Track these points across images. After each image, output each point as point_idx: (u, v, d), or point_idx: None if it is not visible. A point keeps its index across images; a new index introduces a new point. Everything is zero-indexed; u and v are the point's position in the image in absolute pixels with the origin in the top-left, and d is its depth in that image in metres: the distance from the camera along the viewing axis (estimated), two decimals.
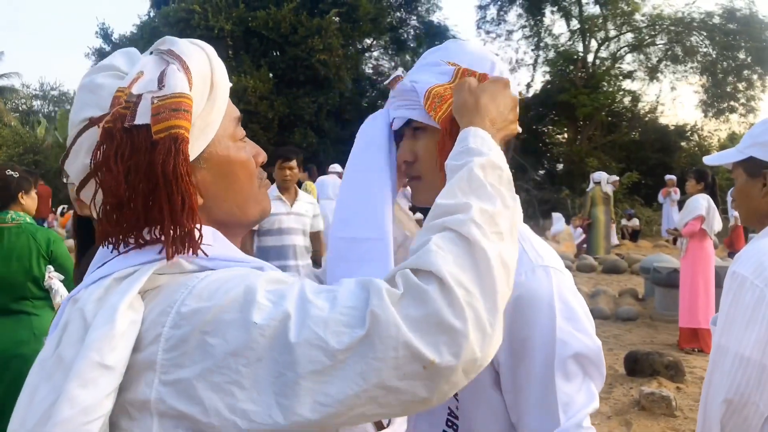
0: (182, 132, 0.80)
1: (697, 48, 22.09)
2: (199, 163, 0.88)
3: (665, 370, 5.28)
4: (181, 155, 0.80)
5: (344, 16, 17.99)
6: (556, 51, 23.67)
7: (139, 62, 0.87)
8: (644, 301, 8.48)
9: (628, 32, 22.97)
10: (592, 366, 1.03)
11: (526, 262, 1.06)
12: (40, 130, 25.92)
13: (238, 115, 0.96)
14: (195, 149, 0.86)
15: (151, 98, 0.81)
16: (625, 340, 6.68)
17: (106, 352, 0.73)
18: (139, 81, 0.83)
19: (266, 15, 16.78)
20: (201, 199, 0.87)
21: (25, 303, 3.17)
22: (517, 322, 1.02)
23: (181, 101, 0.81)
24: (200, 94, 0.86)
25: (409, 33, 22.00)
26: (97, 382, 0.72)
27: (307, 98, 16.98)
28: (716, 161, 1.90)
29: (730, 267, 1.60)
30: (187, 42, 0.92)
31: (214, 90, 0.89)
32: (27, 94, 37.12)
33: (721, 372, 1.51)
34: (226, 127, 0.92)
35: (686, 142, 23.77)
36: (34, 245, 3.17)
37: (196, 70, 0.87)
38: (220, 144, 0.91)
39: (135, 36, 18.67)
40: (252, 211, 0.96)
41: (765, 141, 1.67)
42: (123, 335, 0.74)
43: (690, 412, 4.58)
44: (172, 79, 0.83)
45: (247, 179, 0.95)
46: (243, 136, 0.96)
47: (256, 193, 0.97)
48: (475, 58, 1.15)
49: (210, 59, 0.91)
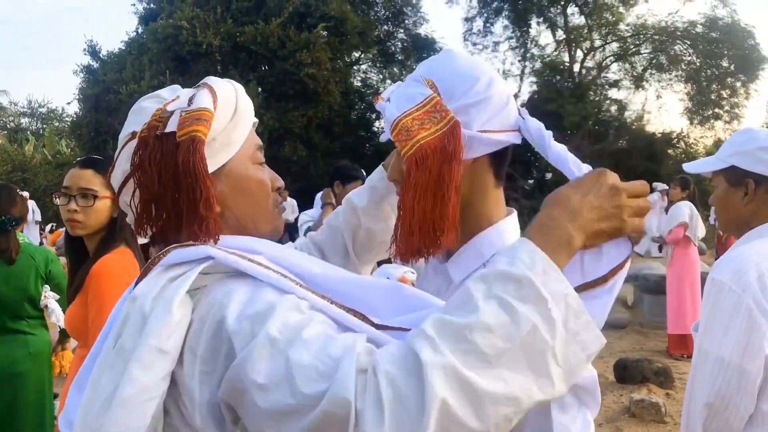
0: (200, 135, 0.95)
1: (681, 56, 22.31)
2: (219, 176, 1.02)
3: (655, 376, 5.33)
4: (197, 153, 0.94)
5: (332, 30, 18.06)
6: (543, 61, 23.84)
7: (180, 92, 1.05)
8: (633, 308, 8.53)
9: (613, 42, 23.19)
10: (587, 395, 1.01)
11: None
12: (29, 147, 25.75)
13: (260, 143, 1.11)
14: (217, 161, 1.01)
15: (180, 112, 0.98)
16: (615, 347, 6.73)
17: (164, 339, 0.84)
18: (174, 102, 1.02)
19: (254, 30, 16.82)
20: (218, 207, 0.99)
21: (21, 322, 3.16)
22: None
23: (203, 113, 0.97)
24: (224, 114, 1.02)
25: (397, 46, 22.10)
26: (155, 365, 0.83)
27: (297, 112, 16.99)
28: (697, 169, 1.91)
29: (710, 273, 1.64)
30: (221, 79, 1.08)
31: (237, 115, 1.05)
32: (15, 111, 36.90)
33: (702, 376, 1.55)
34: (247, 149, 1.07)
35: (673, 150, 23.94)
36: (32, 265, 3.15)
37: (222, 95, 1.03)
38: (239, 162, 1.05)
39: (123, 52, 18.63)
40: (264, 227, 1.08)
41: (746, 150, 1.70)
42: (177, 325, 0.86)
43: (680, 417, 4.62)
44: (199, 98, 1.00)
45: (262, 197, 1.08)
46: (262, 161, 1.10)
47: (270, 211, 1.10)
48: (457, 75, 1.06)
49: (237, 91, 1.07)
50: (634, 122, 23.79)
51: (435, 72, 1.08)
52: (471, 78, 1.05)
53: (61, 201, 2.18)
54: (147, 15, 18.95)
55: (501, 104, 1.07)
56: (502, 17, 24.06)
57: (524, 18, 23.53)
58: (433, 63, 1.11)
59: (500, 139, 1.06)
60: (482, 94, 1.05)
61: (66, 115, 33.92)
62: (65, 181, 2.19)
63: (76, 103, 20.09)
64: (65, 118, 33.63)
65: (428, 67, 1.11)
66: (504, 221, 1.13)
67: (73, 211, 2.13)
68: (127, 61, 17.39)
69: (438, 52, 1.18)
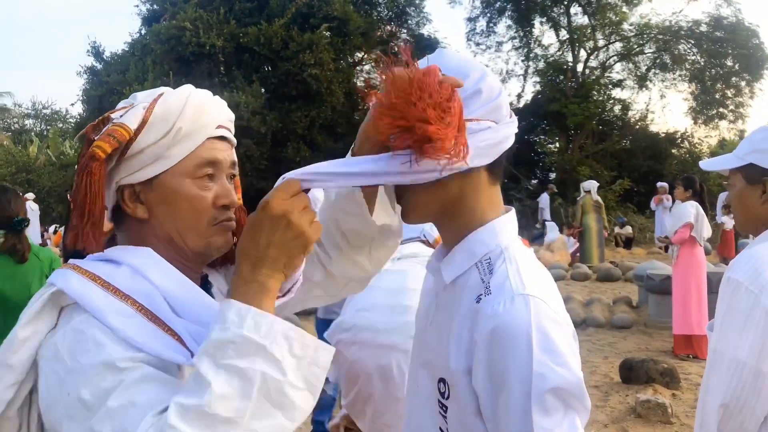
0: (98, 152, 0.99)
1: (685, 56, 22.28)
2: (150, 186, 1.06)
3: (660, 377, 5.30)
4: (87, 168, 1.00)
5: (335, 31, 18.07)
6: (546, 61, 23.83)
7: (136, 99, 1.10)
8: (638, 308, 8.50)
9: (617, 41, 23.17)
10: (573, 399, 0.98)
11: (507, 290, 1.01)
12: (33, 148, 25.80)
13: (211, 159, 1.09)
14: (146, 173, 1.05)
15: (111, 123, 1.04)
16: (620, 347, 6.70)
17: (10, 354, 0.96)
18: (118, 111, 1.06)
19: (257, 31, 16.83)
20: (146, 215, 1.06)
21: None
22: (495, 354, 0.98)
23: (117, 130, 1.01)
24: (157, 129, 1.04)
25: (400, 46, 22.10)
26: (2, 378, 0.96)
27: (300, 112, 17.00)
28: (713, 167, 1.88)
29: (725, 273, 1.61)
30: (184, 90, 1.09)
31: (176, 132, 1.05)
32: (19, 113, 36.99)
33: (717, 377, 1.52)
34: (186, 165, 1.07)
35: (677, 149, 23.91)
36: (38, 264, 3.16)
37: (160, 111, 1.05)
38: (173, 177, 1.06)
39: (126, 53, 18.67)
40: (193, 242, 1.08)
41: (765, 148, 1.67)
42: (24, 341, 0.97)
43: (686, 418, 4.59)
44: (129, 113, 1.04)
45: (191, 212, 1.07)
46: (208, 175, 1.09)
47: (202, 228, 1.08)
48: (449, 71, 1.03)
49: (184, 109, 1.06)
50: (638, 122, 23.77)
51: None
52: (462, 74, 1.04)
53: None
54: (150, 16, 18.98)
55: (492, 96, 1.06)
56: (505, 17, 24.07)
57: (527, 18, 23.51)
58: (427, 62, 1.08)
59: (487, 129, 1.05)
60: (474, 87, 1.04)
61: (70, 116, 34.07)
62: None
63: (79, 104, 20.18)
64: (69, 120, 33.76)
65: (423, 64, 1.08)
66: (498, 220, 1.11)
67: None
68: (131, 62, 17.43)
69: (453, 50, 1.17)
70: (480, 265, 1.08)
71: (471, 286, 1.07)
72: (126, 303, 0.97)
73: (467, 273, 1.09)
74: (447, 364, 1.07)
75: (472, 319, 1.02)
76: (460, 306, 1.07)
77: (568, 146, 22.93)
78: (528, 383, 0.95)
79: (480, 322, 1.00)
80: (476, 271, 1.08)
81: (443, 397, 1.10)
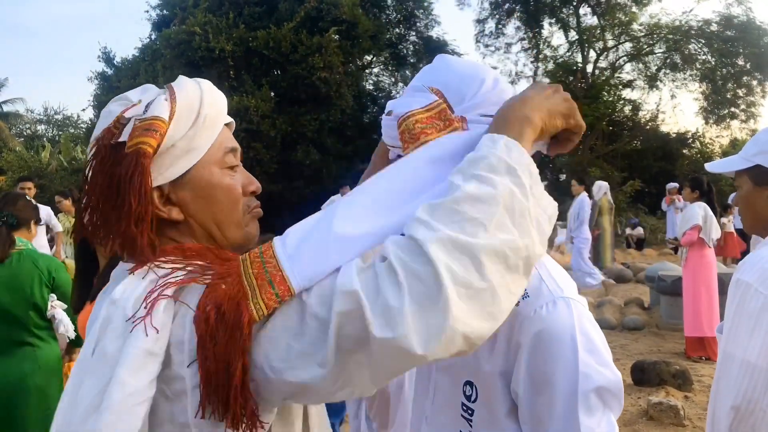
0: (145, 148, 0.93)
1: (695, 55, 22.14)
2: (182, 183, 1.00)
3: (673, 379, 5.26)
4: (140, 167, 0.93)
5: (344, 34, 18.09)
6: (555, 62, 23.75)
7: (146, 94, 1.02)
8: (650, 309, 8.45)
9: (627, 42, 23.06)
10: (612, 398, 1.02)
11: (546, 294, 1.05)
12: (45, 154, 25.99)
13: (231, 146, 1.06)
14: (177, 169, 0.99)
15: (135, 120, 0.97)
16: (632, 349, 6.67)
17: (151, 341, 0.84)
18: (133, 108, 0.99)
19: (266, 35, 16.89)
20: (181, 215, 1.01)
21: (28, 334, 3.03)
22: (540, 356, 1.01)
23: (153, 122, 0.95)
24: (184, 120, 0.98)
25: (409, 49, 22.09)
26: (146, 367, 0.83)
27: (309, 116, 17.03)
28: (719, 169, 1.87)
29: (734, 275, 1.60)
30: (189, 79, 1.04)
31: (201, 120, 1.00)
32: (31, 118, 37.27)
33: (727, 379, 1.51)
34: (214, 154, 1.03)
35: (688, 150, 23.77)
36: (36, 272, 3.03)
37: (183, 100, 0.99)
38: (204, 168, 1.02)
39: (137, 59, 18.79)
40: (232, 234, 1.05)
41: None
42: (164, 326, 0.86)
43: (699, 420, 4.56)
44: (155, 105, 0.97)
45: (229, 203, 1.04)
46: (234, 164, 1.05)
47: (239, 218, 1.06)
48: (462, 79, 1.09)
49: (202, 94, 1.01)
50: (649, 122, 23.65)
51: (438, 79, 1.10)
52: (477, 79, 1.08)
53: None
54: (160, 21, 19.10)
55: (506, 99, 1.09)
56: (514, 18, 24.01)
57: (536, 19, 23.45)
58: (434, 71, 1.13)
59: None
60: (490, 93, 1.08)
61: (81, 121, 34.33)
62: None
63: (90, 109, 20.32)
64: (80, 125, 34.01)
65: (429, 75, 1.12)
66: None
67: None
68: (141, 67, 17.53)
69: (449, 55, 1.19)
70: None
71: None
72: None
73: None
74: (477, 366, 1.08)
75: (509, 322, 1.04)
76: None
77: (578, 147, 22.82)
78: (574, 383, 0.99)
79: (521, 324, 1.04)
80: None
81: (469, 400, 1.11)
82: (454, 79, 1.09)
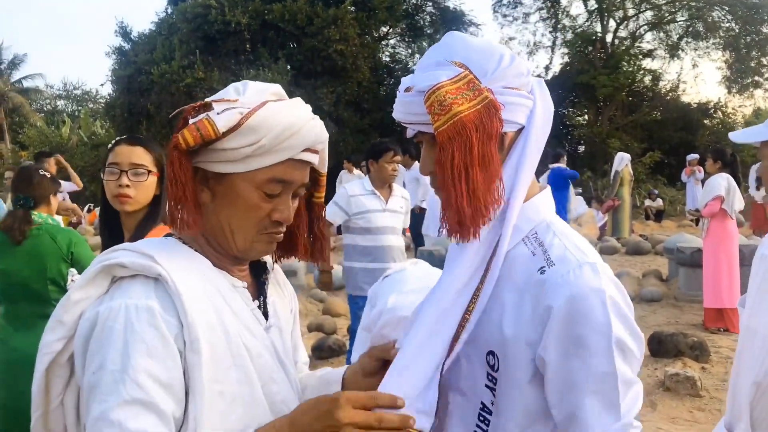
0: (181, 143, 1.04)
1: (719, 23, 21.67)
2: (221, 178, 1.11)
3: (690, 350, 5.27)
4: (171, 156, 1.06)
5: (360, 5, 17.93)
6: (574, 32, 23.38)
7: (244, 95, 1.12)
8: (668, 281, 8.42)
9: (647, 10, 22.60)
10: (634, 355, 1.07)
11: (572, 260, 1.08)
12: (65, 129, 26.28)
13: (281, 179, 1.12)
14: (221, 168, 1.09)
15: (206, 115, 1.07)
16: (650, 321, 6.66)
17: (60, 312, 1.15)
18: (221, 103, 1.09)
19: (282, 7, 16.79)
20: (208, 200, 1.12)
21: (47, 307, 2.91)
22: (572, 320, 1.04)
23: (205, 125, 1.05)
24: (242, 138, 1.06)
25: (425, 19, 21.83)
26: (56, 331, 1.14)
27: (325, 89, 16.97)
28: (743, 138, 1.85)
29: (759, 249, 1.57)
30: (288, 109, 1.12)
31: (256, 146, 1.07)
32: (51, 94, 37.62)
33: (750, 354, 1.50)
34: (257, 175, 1.10)
35: (709, 120, 23.38)
36: (54, 247, 3.01)
37: (253, 122, 1.06)
38: (242, 180, 1.10)
39: (153, 33, 18.79)
40: (239, 242, 1.14)
41: None
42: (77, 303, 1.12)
43: (715, 391, 4.58)
44: (225, 114, 1.06)
45: (245, 217, 1.12)
46: (272, 193, 1.11)
47: (251, 233, 1.14)
48: (483, 54, 1.11)
49: (277, 125, 1.07)
50: (669, 92, 23.27)
51: (459, 53, 1.12)
52: (497, 53, 1.12)
53: (111, 177, 2.19)
54: None
55: (524, 73, 1.14)
56: None
57: None
58: (451, 46, 1.14)
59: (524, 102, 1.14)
60: (508, 68, 1.11)
61: (100, 96, 34.52)
62: (113, 158, 2.19)
63: (109, 84, 20.41)
64: (99, 100, 34.20)
65: (448, 50, 1.14)
66: (538, 196, 1.18)
67: (125, 186, 2.15)
68: (158, 41, 17.54)
69: (467, 25, 1.22)
70: (527, 240, 1.14)
71: (523, 260, 1.12)
72: None
73: (515, 248, 1.14)
74: (501, 336, 1.11)
75: (536, 290, 1.08)
76: (514, 279, 1.12)
77: (597, 118, 22.58)
78: (609, 344, 1.04)
79: (550, 290, 1.06)
80: (524, 245, 1.14)
81: (493, 369, 1.14)
82: (476, 54, 1.11)
